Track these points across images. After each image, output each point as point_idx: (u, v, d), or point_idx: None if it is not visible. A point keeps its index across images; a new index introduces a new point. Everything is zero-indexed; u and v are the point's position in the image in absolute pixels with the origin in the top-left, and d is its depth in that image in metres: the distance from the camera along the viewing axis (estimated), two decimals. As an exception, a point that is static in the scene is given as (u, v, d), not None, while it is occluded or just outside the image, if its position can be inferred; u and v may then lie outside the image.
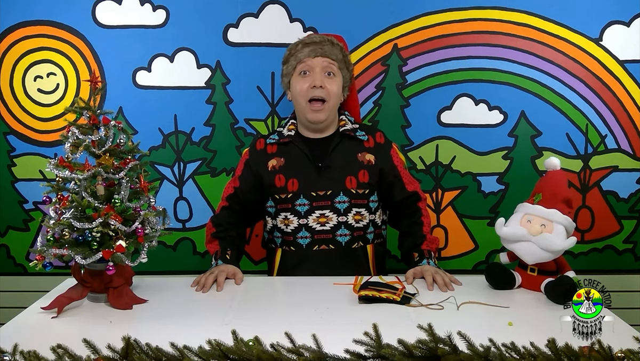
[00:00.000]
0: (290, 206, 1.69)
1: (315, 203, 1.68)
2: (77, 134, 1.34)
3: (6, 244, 2.12)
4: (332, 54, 1.69)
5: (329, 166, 1.69)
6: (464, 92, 2.04)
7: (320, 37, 1.73)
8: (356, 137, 1.73)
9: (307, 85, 1.67)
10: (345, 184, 1.68)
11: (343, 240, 1.69)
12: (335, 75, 1.70)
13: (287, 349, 0.92)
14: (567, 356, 0.89)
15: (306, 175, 1.69)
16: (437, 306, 1.36)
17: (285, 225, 1.70)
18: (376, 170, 1.71)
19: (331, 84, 1.68)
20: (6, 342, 0.98)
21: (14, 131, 2.07)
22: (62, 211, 1.33)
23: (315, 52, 1.68)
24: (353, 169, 1.70)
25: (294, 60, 1.71)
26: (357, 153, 1.71)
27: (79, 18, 2.00)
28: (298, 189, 1.68)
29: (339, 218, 1.68)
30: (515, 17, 2.00)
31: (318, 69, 1.68)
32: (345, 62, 1.74)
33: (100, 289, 1.39)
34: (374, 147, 1.73)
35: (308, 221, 1.68)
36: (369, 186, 1.70)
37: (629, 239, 2.11)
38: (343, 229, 1.69)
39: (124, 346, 0.92)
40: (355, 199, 1.69)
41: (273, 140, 1.74)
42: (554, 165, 1.49)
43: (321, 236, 1.69)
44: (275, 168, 1.71)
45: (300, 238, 1.69)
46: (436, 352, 0.88)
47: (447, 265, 2.11)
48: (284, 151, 1.73)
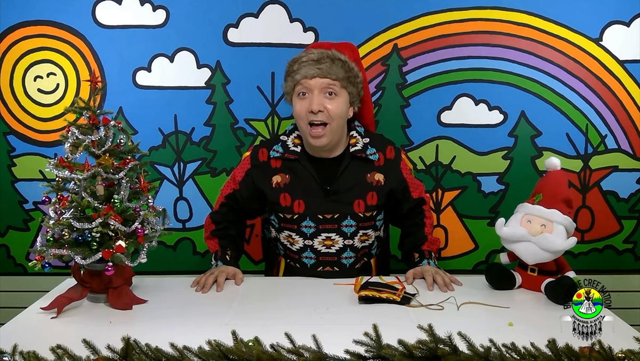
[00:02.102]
0: (296, 227, 1.64)
1: (321, 225, 1.62)
2: (77, 134, 1.34)
3: (6, 244, 2.12)
4: (332, 73, 1.54)
5: (337, 190, 1.62)
6: (464, 92, 2.04)
7: (320, 53, 1.56)
8: (366, 157, 1.63)
9: (306, 109, 1.55)
10: (353, 208, 1.62)
11: (348, 262, 1.66)
12: (337, 94, 1.56)
13: (287, 349, 0.92)
14: (567, 357, 0.89)
15: (313, 197, 1.62)
16: (437, 306, 1.36)
17: (290, 243, 1.67)
18: (385, 191, 1.65)
19: (332, 105, 1.55)
20: (6, 342, 0.98)
21: (14, 131, 2.07)
22: (62, 211, 1.33)
23: (312, 72, 1.54)
24: (361, 192, 1.62)
25: (291, 81, 1.59)
26: (366, 174, 1.63)
27: (78, 18, 2.00)
28: (304, 211, 1.62)
29: (345, 242, 1.64)
30: (515, 17, 2.00)
31: (317, 90, 1.54)
32: (349, 79, 1.58)
33: (100, 289, 1.39)
34: (384, 166, 1.65)
35: (313, 243, 1.64)
36: (376, 208, 1.65)
37: (629, 239, 2.11)
38: (348, 252, 1.65)
39: (124, 346, 0.92)
40: (362, 222, 1.64)
41: (277, 154, 1.65)
42: (554, 165, 1.49)
43: (326, 258, 1.65)
44: (279, 186, 1.63)
45: (305, 258, 1.66)
46: (436, 352, 0.88)
47: (447, 265, 2.11)
48: (289, 167, 1.64)
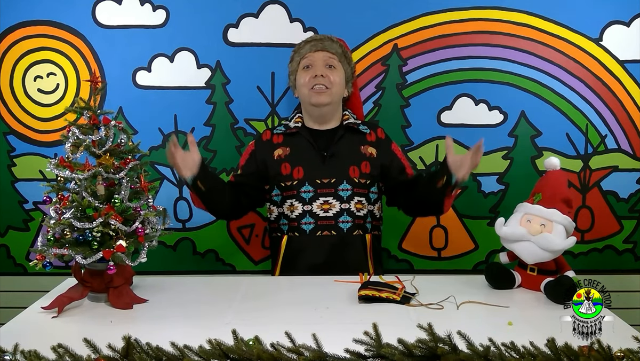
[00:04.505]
0: (296, 193, 1.75)
1: (319, 190, 1.75)
2: (78, 134, 1.34)
3: (6, 244, 2.12)
4: (332, 48, 1.82)
5: (333, 154, 1.77)
6: (464, 92, 2.04)
7: (321, 35, 1.89)
8: (359, 131, 1.81)
9: (310, 75, 1.77)
10: (348, 173, 1.75)
11: (345, 227, 1.74)
12: (336, 68, 1.80)
13: (287, 348, 0.92)
14: (566, 356, 0.89)
15: (311, 163, 1.77)
16: (437, 305, 1.37)
17: (290, 211, 1.76)
18: (377, 163, 1.79)
19: (333, 74, 1.78)
20: (7, 342, 0.98)
21: (14, 131, 2.07)
22: (63, 211, 1.33)
23: (316, 46, 1.81)
24: (356, 159, 1.78)
25: (297, 56, 1.84)
26: (360, 145, 1.80)
27: (79, 18, 2.00)
28: (303, 177, 1.75)
29: (341, 205, 1.74)
30: (515, 17, 2.00)
31: (320, 62, 1.79)
32: (345, 57, 1.84)
33: (101, 289, 1.39)
34: (375, 142, 1.82)
35: (312, 208, 1.74)
36: (370, 177, 1.78)
37: (629, 239, 2.11)
38: (345, 216, 1.74)
39: (125, 345, 0.92)
40: (358, 188, 1.76)
41: (280, 131, 1.82)
42: (553, 165, 1.49)
43: (324, 222, 1.74)
44: (281, 157, 1.78)
45: (305, 224, 1.74)
46: (436, 352, 0.88)
47: (447, 265, 2.11)
48: (289, 141, 1.81)
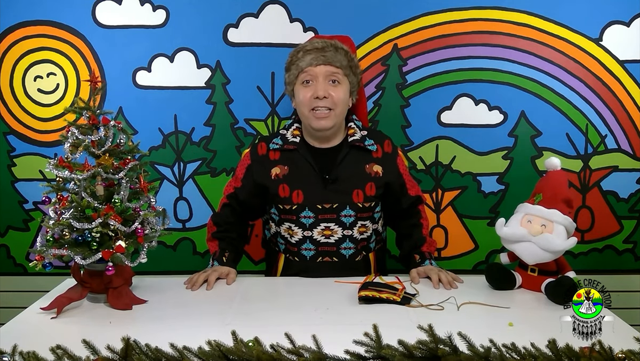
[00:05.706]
0: (295, 218, 1.64)
1: (320, 215, 1.62)
2: (77, 134, 1.34)
3: (6, 244, 2.12)
4: (336, 60, 1.60)
5: (336, 179, 1.62)
6: (464, 92, 2.04)
7: (323, 42, 1.62)
8: (365, 148, 1.65)
9: (310, 94, 1.59)
10: (352, 198, 1.62)
11: (347, 253, 1.66)
12: (340, 82, 1.61)
13: (287, 350, 0.92)
14: (567, 357, 0.89)
15: (312, 187, 1.62)
16: (437, 306, 1.36)
17: (290, 235, 1.66)
18: (383, 182, 1.65)
19: (336, 92, 1.59)
20: (6, 342, 0.98)
21: (14, 131, 2.06)
22: (62, 211, 1.33)
23: (317, 60, 1.59)
24: (360, 182, 1.63)
25: (295, 69, 1.62)
26: (365, 165, 1.65)
27: (79, 18, 2.00)
28: (303, 201, 1.62)
29: (344, 232, 1.64)
30: (515, 17, 2.00)
31: (321, 77, 1.59)
32: (351, 68, 1.64)
33: (100, 289, 1.39)
34: (382, 158, 1.67)
35: (313, 234, 1.64)
36: (375, 199, 1.65)
37: (629, 239, 2.11)
38: (348, 243, 1.65)
39: (124, 346, 0.92)
40: (361, 213, 1.64)
41: (276, 145, 1.66)
42: (554, 165, 1.48)
43: (325, 249, 1.65)
44: (278, 177, 1.64)
45: (305, 250, 1.66)
46: (436, 353, 0.88)
47: (447, 265, 2.10)
48: (288, 158, 1.65)
